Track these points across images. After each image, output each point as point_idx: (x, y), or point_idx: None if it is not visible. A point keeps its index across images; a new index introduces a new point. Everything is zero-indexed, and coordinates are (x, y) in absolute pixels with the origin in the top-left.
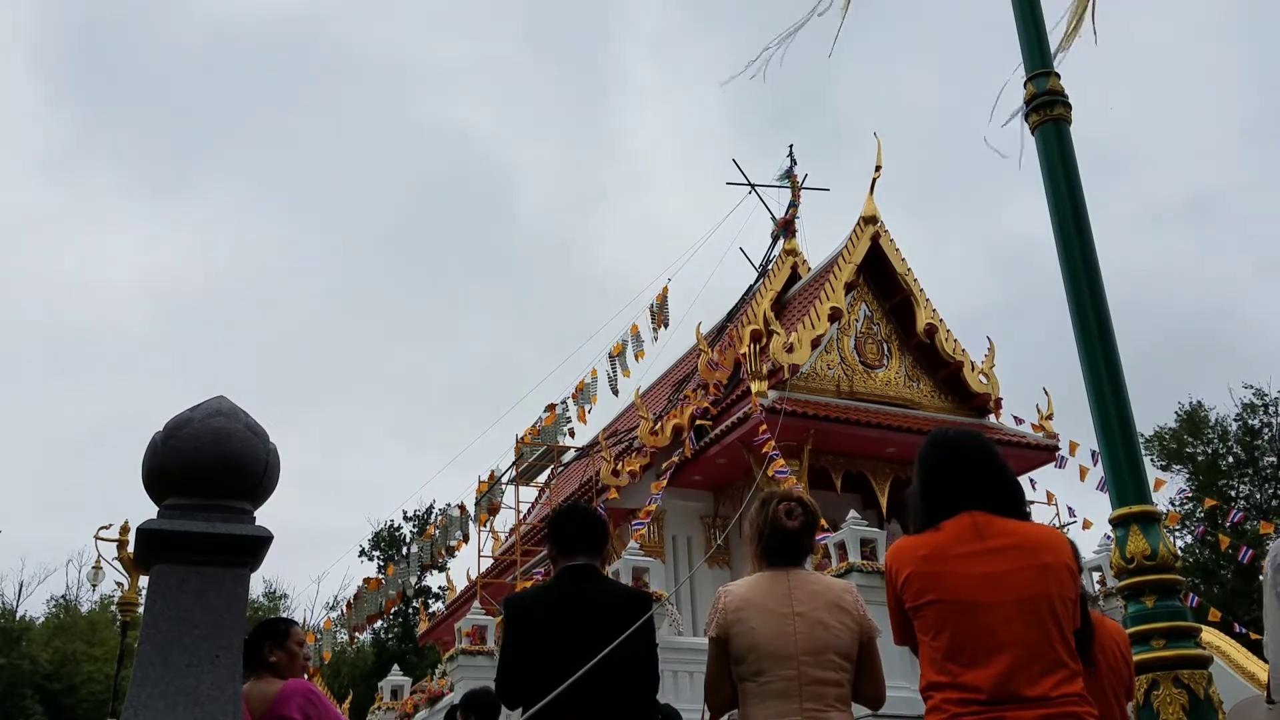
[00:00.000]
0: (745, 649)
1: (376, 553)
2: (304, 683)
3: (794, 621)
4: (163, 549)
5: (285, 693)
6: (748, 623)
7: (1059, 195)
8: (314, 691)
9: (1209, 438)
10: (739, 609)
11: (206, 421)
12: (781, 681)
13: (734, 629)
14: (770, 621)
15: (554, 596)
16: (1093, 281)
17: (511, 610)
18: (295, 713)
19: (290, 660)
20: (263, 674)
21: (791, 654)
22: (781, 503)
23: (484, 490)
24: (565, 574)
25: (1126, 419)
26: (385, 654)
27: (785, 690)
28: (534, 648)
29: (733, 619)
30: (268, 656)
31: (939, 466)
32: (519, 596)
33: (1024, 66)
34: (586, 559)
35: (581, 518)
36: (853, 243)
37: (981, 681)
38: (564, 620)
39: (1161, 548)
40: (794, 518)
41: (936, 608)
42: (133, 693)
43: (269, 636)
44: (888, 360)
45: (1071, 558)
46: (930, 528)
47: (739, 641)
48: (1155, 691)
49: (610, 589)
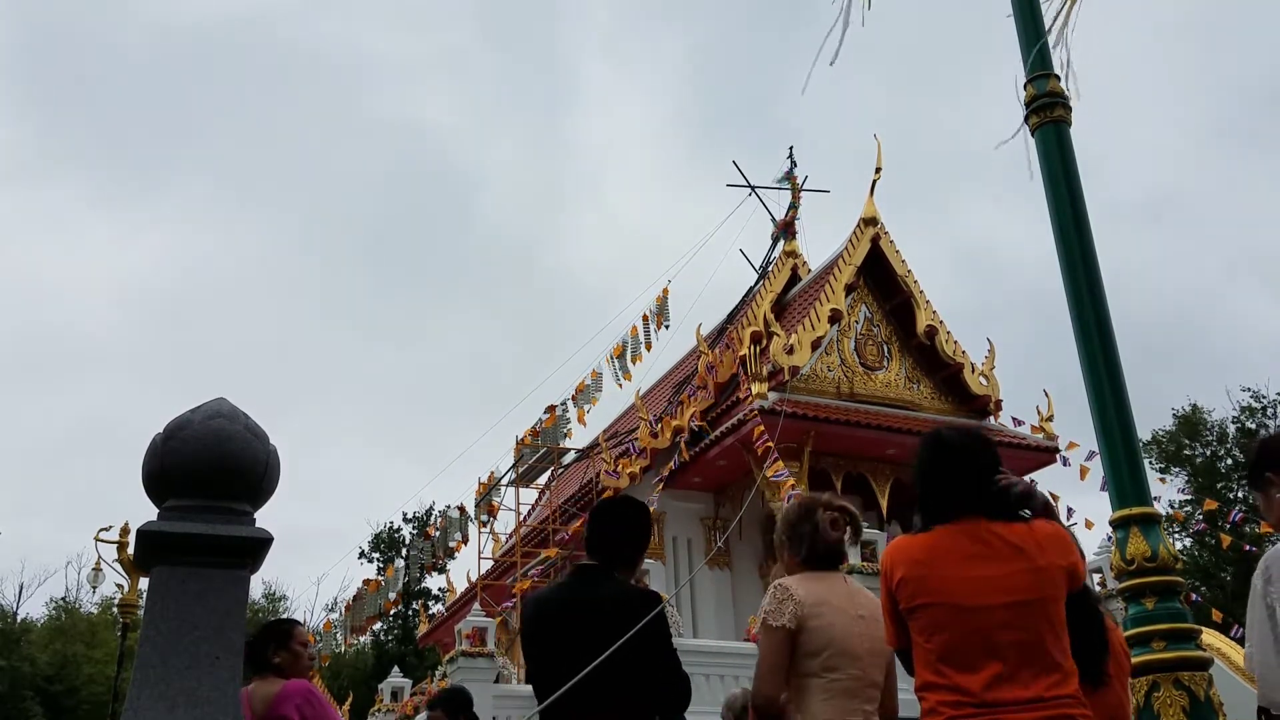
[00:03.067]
0: (822, 644)
1: (376, 554)
2: (303, 683)
3: (859, 624)
4: (163, 551)
5: (284, 693)
6: (826, 618)
7: (1059, 196)
8: (312, 692)
9: (1207, 440)
10: (817, 604)
11: (206, 423)
12: (850, 680)
13: (811, 623)
14: (843, 620)
15: (559, 595)
16: (1093, 282)
17: (524, 609)
18: (293, 712)
19: (294, 661)
20: (267, 674)
21: (861, 654)
22: (828, 511)
23: (484, 492)
24: (574, 572)
25: (1126, 420)
26: (385, 656)
27: (852, 689)
28: (538, 649)
29: (810, 612)
30: (271, 657)
31: (933, 468)
32: (532, 595)
33: (1024, 68)
34: (601, 559)
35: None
36: (853, 244)
37: (975, 685)
38: (565, 620)
39: (1162, 549)
40: (838, 528)
41: (930, 610)
42: (133, 694)
43: (273, 637)
44: (888, 362)
45: (1067, 556)
46: (926, 530)
47: (816, 636)
48: (1156, 693)
49: (617, 588)
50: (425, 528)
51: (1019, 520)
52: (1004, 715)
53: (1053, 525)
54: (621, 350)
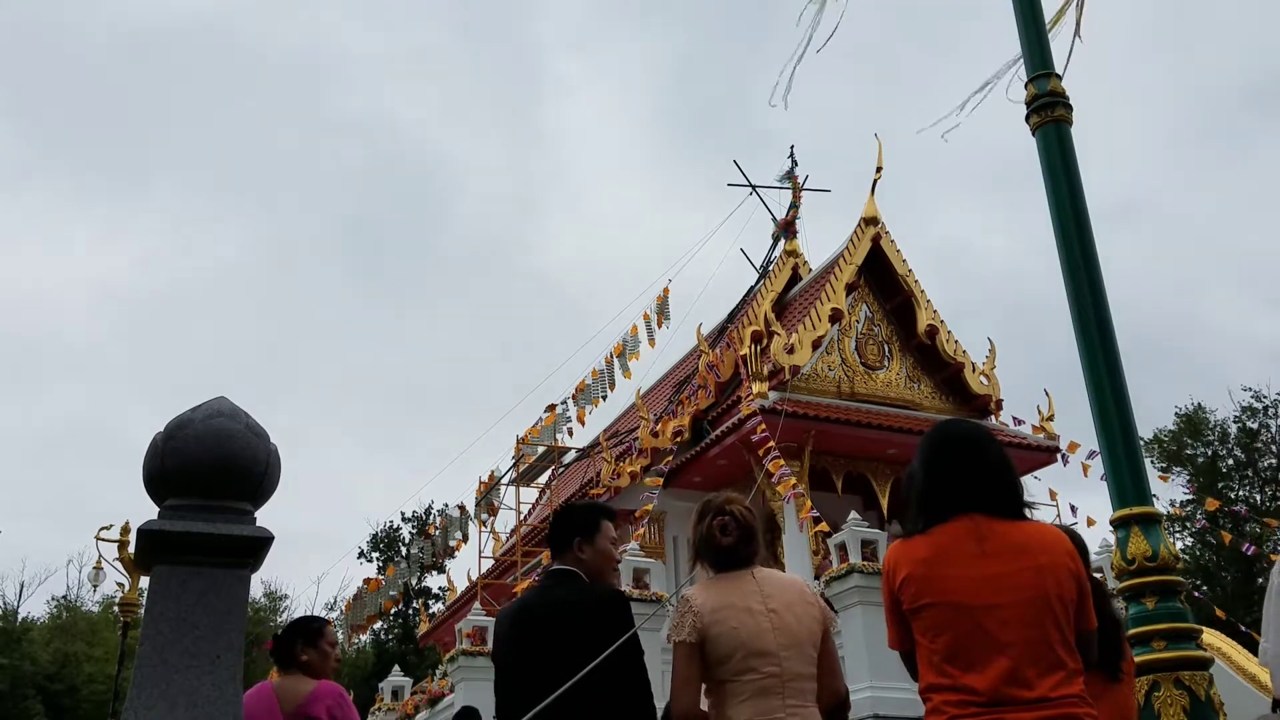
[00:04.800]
0: (729, 649)
1: (375, 554)
2: (335, 686)
3: (770, 617)
4: (164, 549)
5: (317, 693)
6: (728, 622)
7: (1059, 196)
8: (344, 696)
9: (1208, 440)
10: (716, 610)
11: (207, 422)
12: (766, 679)
13: (713, 630)
14: (749, 620)
15: (541, 600)
16: (1093, 281)
17: (504, 614)
18: (323, 713)
19: (322, 660)
20: (293, 671)
21: (774, 650)
22: (716, 517)
23: (484, 491)
24: (549, 577)
25: (1127, 419)
26: (386, 655)
27: (769, 687)
28: (521, 652)
29: (710, 620)
30: (299, 655)
31: (937, 466)
32: (513, 602)
33: (1025, 68)
34: (565, 562)
35: (555, 521)
36: (854, 244)
37: (980, 684)
38: (551, 624)
39: (1162, 549)
40: (728, 534)
41: (934, 610)
42: (133, 693)
43: (301, 635)
44: (888, 361)
45: (1071, 557)
46: (928, 530)
47: (721, 642)
48: (1156, 693)
49: (593, 591)
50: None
51: (1023, 519)
52: (1009, 714)
53: (1056, 528)
54: (622, 349)
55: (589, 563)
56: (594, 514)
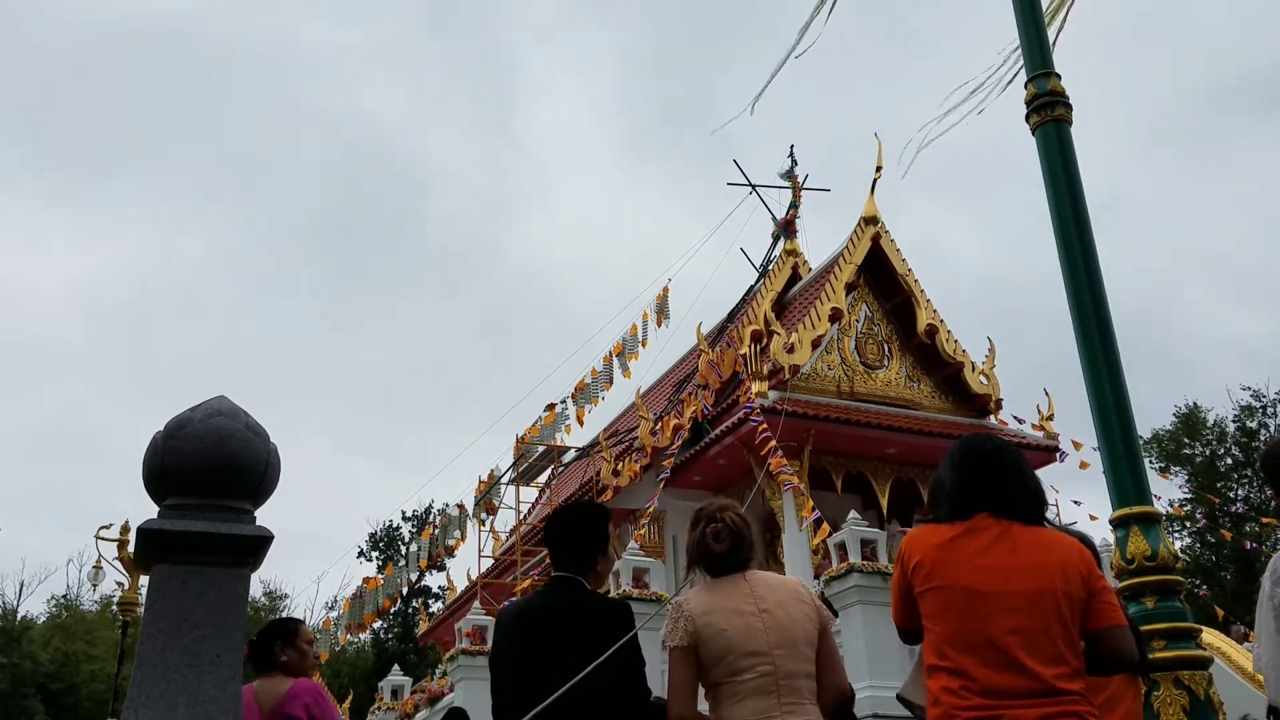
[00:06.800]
0: (721, 651)
1: (375, 553)
2: (312, 683)
3: (761, 618)
4: (163, 549)
5: (294, 691)
6: (718, 625)
7: (1059, 195)
8: (321, 692)
9: (1207, 439)
10: (706, 613)
11: (207, 421)
12: (760, 678)
13: (705, 633)
14: (740, 621)
15: (544, 604)
16: (1093, 281)
17: (504, 619)
18: (301, 711)
19: (300, 658)
20: (273, 672)
21: (765, 649)
22: (709, 524)
23: (484, 490)
24: (552, 583)
25: (1127, 419)
26: (385, 654)
27: (764, 687)
28: (520, 657)
29: (702, 623)
30: (279, 655)
31: (965, 471)
32: (505, 608)
33: (1025, 67)
34: (571, 571)
35: (561, 526)
36: (853, 243)
37: (977, 669)
38: (553, 630)
39: (1162, 548)
40: (720, 540)
41: (941, 593)
42: (133, 693)
43: (279, 635)
44: (888, 361)
45: (1084, 558)
46: (952, 521)
47: (713, 645)
48: (1155, 692)
49: (598, 600)
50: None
51: (1042, 526)
52: (1005, 704)
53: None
54: (621, 349)
55: (602, 575)
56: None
